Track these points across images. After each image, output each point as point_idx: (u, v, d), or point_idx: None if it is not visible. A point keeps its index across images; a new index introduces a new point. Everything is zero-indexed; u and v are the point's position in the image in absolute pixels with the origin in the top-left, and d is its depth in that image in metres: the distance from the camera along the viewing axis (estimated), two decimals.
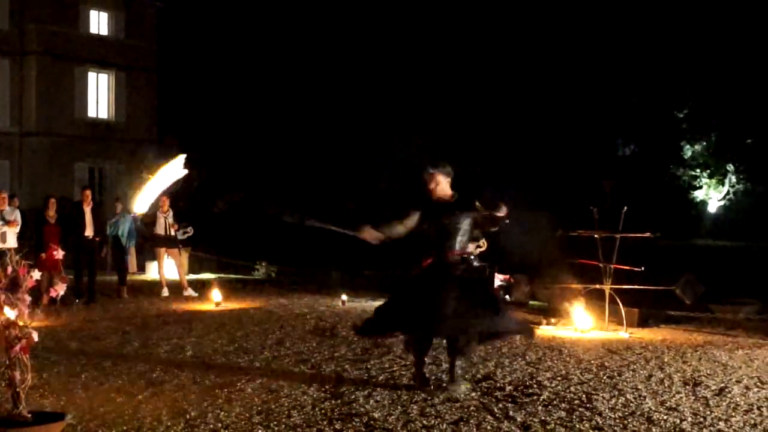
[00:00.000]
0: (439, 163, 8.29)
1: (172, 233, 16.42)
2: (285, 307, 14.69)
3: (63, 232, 14.51)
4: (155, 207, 16.22)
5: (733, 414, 7.21)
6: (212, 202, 16.32)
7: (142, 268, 20.26)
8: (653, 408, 7.37)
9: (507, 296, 15.73)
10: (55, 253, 13.01)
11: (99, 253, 15.29)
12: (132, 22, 34.28)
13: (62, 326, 11.98)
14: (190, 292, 16.28)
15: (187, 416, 6.89)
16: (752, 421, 6.98)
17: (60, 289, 6.10)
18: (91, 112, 33.61)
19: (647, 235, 12.71)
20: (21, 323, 5.69)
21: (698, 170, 33.15)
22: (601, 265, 12.73)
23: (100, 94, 33.82)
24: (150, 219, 16.43)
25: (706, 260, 20.58)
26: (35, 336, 5.79)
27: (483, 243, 16.12)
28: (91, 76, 33.47)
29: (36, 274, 5.81)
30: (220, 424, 6.66)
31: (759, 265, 19.69)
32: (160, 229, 16.36)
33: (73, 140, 32.43)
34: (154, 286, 17.14)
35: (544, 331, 12.23)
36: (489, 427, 6.65)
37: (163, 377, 8.41)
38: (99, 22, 33.72)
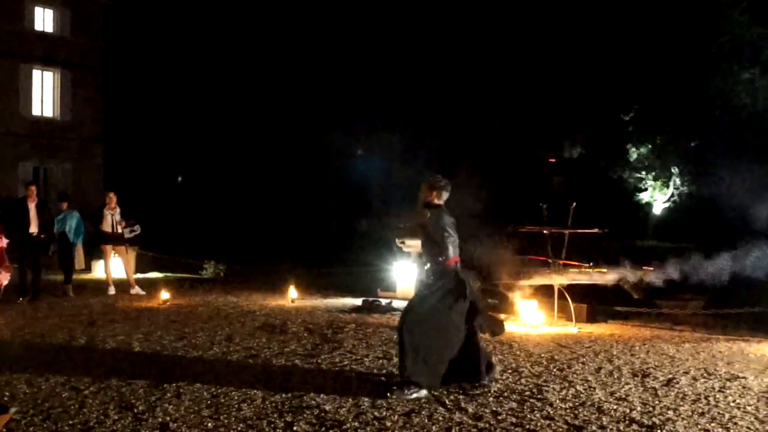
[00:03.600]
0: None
1: (119, 231, 16.19)
2: (234, 304, 14.57)
3: (6, 228, 14.20)
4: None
5: (681, 403, 7.30)
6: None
7: (88, 267, 19.94)
8: (603, 398, 7.42)
9: None
10: None
11: (45, 250, 15.01)
12: (78, 19, 33.73)
13: (6, 324, 11.74)
14: (137, 290, 16.08)
15: (135, 410, 6.79)
16: (700, 410, 7.06)
17: (4, 279, 5.96)
18: (36, 111, 33.02)
19: (596, 230, 12.83)
20: None
21: (644, 172, 33.45)
22: (550, 261, 12.83)
23: (45, 92, 33.24)
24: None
25: (652, 260, 20.75)
26: None
27: None
28: (36, 73, 32.91)
29: None
30: (168, 418, 6.57)
31: (702, 265, 19.91)
32: (107, 227, 16.10)
33: (17, 139, 31.83)
34: (100, 285, 16.88)
35: None
36: (441, 418, 6.64)
37: (110, 372, 8.28)
38: (44, 19, 33.13)
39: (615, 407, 7.08)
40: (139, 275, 18.62)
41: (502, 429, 6.36)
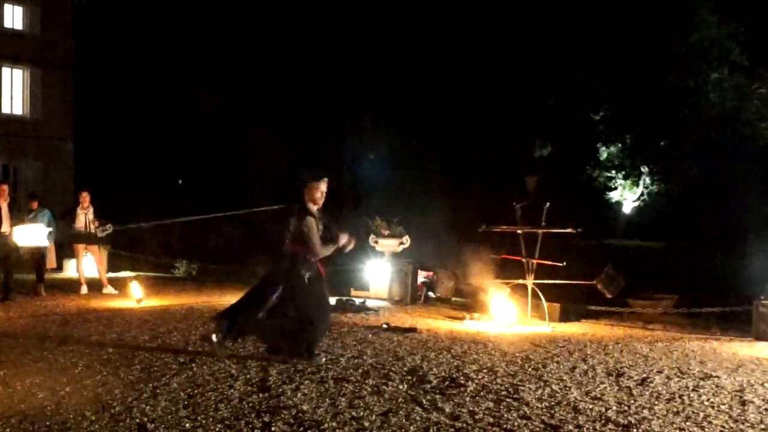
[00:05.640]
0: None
1: (92, 230, 16.09)
2: (207, 303, 14.55)
3: None
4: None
5: (656, 402, 7.37)
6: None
7: (60, 266, 19.81)
8: (579, 398, 7.48)
9: (430, 292, 15.86)
10: None
11: (17, 250, 14.91)
12: (48, 16, 33.42)
13: None
14: (110, 289, 16.02)
15: (112, 411, 6.76)
16: (674, 409, 7.14)
17: None
18: (5, 109, 32.72)
19: (569, 230, 12.91)
20: None
21: (614, 171, 33.66)
22: (523, 260, 12.90)
23: (14, 90, 32.94)
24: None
25: (623, 258, 20.98)
26: None
27: (406, 240, 16.24)
28: (5, 71, 32.61)
29: None
30: (146, 418, 6.54)
31: (673, 263, 20.16)
32: (80, 226, 16.03)
33: None
34: (72, 284, 16.80)
35: (468, 326, 12.37)
36: (418, 418, 6.66)
37: (85, 373, 8.23)
38: (14, 16, 32.83)
39: (591, 406, 7.14)
40: (111, 274, 18.53)
41: (479, 429, 6.40)
